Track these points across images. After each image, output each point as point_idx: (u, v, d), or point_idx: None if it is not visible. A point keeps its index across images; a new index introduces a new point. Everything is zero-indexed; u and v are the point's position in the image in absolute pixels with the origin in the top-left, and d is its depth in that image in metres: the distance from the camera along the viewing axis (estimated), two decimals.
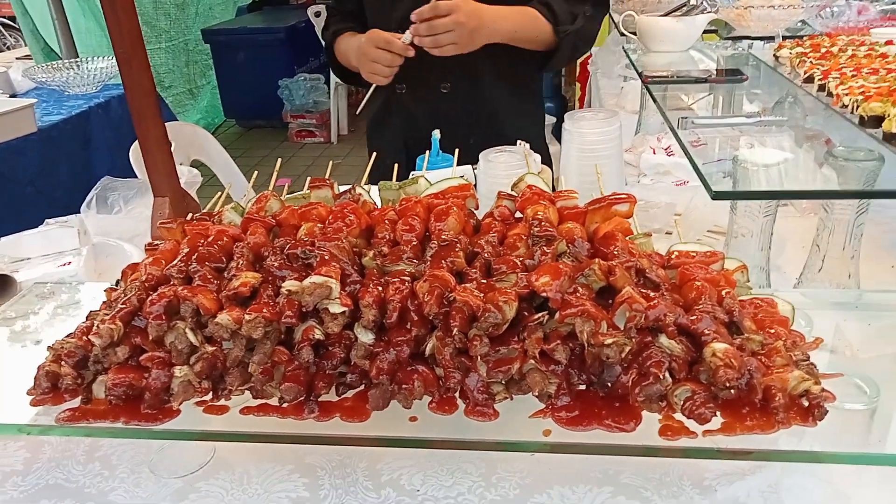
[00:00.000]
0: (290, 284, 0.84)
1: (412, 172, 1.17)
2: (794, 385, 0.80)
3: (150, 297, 0.86)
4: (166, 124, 2.58)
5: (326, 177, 1.09)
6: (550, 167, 1.95)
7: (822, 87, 1.87)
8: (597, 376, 0.82)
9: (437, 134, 1.33)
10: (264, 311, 0.83)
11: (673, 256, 0.94)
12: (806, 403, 0.80)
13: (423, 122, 1.80)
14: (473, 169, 1.10)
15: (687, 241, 0.95)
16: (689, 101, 2.25)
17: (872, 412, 0.86)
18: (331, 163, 1.45)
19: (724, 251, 1.42)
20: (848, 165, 1.25)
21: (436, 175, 1.11)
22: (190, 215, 1.08)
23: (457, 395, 0.86)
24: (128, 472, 1.04)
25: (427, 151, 1.23)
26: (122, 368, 0.86)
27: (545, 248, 0.84)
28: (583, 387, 0.84)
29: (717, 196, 1.17)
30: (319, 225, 0.94)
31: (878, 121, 1.52)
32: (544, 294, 0.79)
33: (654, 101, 1.68)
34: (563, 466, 0.96)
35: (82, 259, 1.37)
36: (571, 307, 0.78)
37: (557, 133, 4.28)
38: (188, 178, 1.67)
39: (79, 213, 2.01)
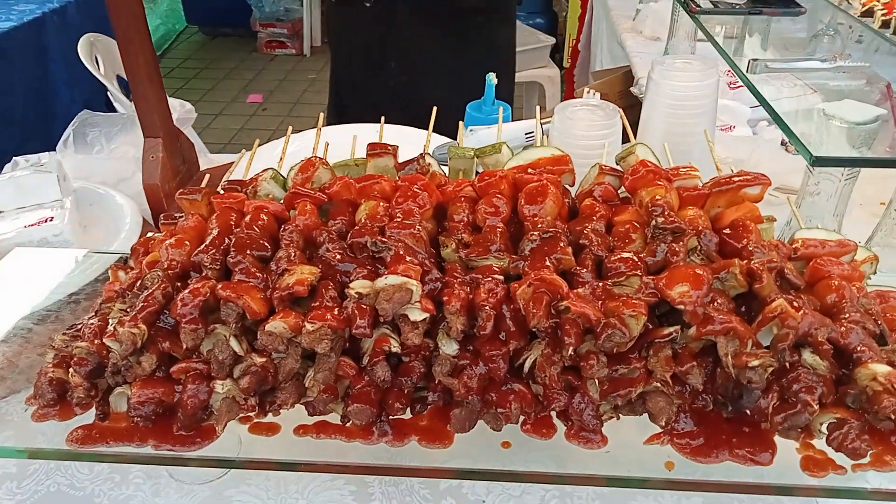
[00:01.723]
0: (360, 286, 0.68)
1: (462, 125, 0.99)
2: None
3: (180, 296, 0.69)
4: (90, 35, 2.28)
5: (301, 94, 0.90)
6: (511, 103, 1.86)
7: (885, 24, 1.71)
8: (727, 398, 0.70)
9: (492, 78, 1.14)
10: (329, 318, 0.67)
11: (798, 245, 0.80)
12: None
13: (351, 28, 1.86)
14: (542, 125, 0.93)
15: (811, 227, 0.81)
16: (719, 30, 2.06)
17: None
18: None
19: (792, 214, 1.30)
20: None
21: (488, 133, 0.93)
22: (205, 179, 0.89)
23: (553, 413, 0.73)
24: (143, 476, 0.89)
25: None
26: (149, 382, 0.70)
27: (673, 244, 0.69)
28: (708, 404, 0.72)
29: (817, 162, 1.03)
30: (384, 204, 0.76)
31: None
32: (681, 307, 0.65)
33: (711, 39, 1.49)
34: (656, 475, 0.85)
35: (66, 214, 1.17)
36: (714, 323, 0.64)
37: (553, 56, 4.03)
38: (181, 113, 1.45)
39: (43, 143, 1.75)
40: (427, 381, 0.72)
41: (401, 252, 0.70)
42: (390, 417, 0.72)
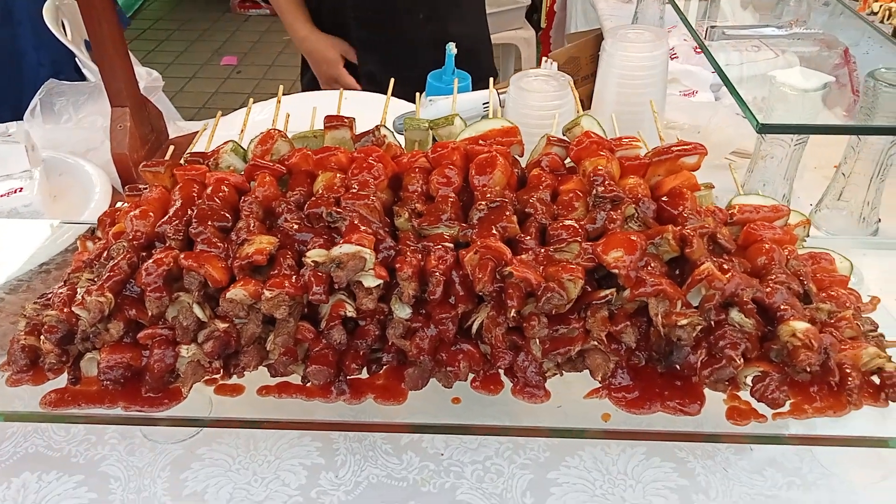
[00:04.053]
0: (316, 254, 0.71)
1: (423, 96, 1.01)
2: (867, 362, 0.75)
3: (145, 266, 0.73)
4: None
5: (276, 56, 0.92)
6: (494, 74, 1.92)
7: None
8: (660, 354, 0.75)
9: (452, 48, 1.15)
10: (286, 285, 0.71)
11: (734, 210, 0.84)
12: (877, 381, 0.76)
13: None
14: (499, 94, 0.96)
15: (749, 192, 0.86)
16: None
17: None
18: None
19: (746, 176, 1.35)
20: (891, 92, 1.16)
21: (447, 103, 0.96)
22: (170, 150, 0.92)
23: (501, 371, 0.78)
24: (118, 437, 0.94)
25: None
26: (117, 347, 0.74)
27: (611, 211, 0.74)
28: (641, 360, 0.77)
29: (762, 129, 1.07)
30: (340, 175, 0.80)
31: None
32: (616, 271, 0.69)
33: (672, 3, 1.51)
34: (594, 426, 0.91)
35: (35, 184, 1.19)
36: (645, 286, 0.69)
37: (529, 17, 4.01)
38: (148, 82, 1.46)
39: (11, 106, 1.74)
40: (382, 343, 0.76)
41: (355, 222, 0.73)
42: (348, 377, 0.77)
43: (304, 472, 0.89)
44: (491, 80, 0.95)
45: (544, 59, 1.13)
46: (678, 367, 0.73)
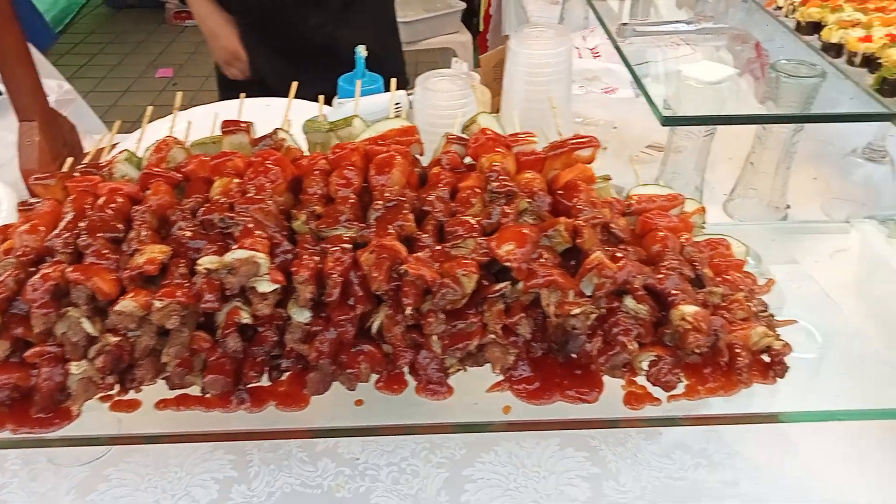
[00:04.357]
0: (208, 261, 0.70)
1: (335, 99, 1.01)
2: (757, 341, 0.77)
3: (30, 281, 0.70)
4: None
5: (213, 67, 0.91)
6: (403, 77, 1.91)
7: None
8: (558, 344, 0.76)
9: (361, 51, 1.15)
10: (178, 294, 0.69)
11: (633, 201, 0.86)
12: (766, 359, 0.78)
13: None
14: (408, 95, 0.96)
15: (646, 182, 0.88)
16: None
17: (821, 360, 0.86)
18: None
19: (660, 169, 1.39)
20: (791, 82, 1.20)
21: (365, 104, 0.96)
22: (68, 161, 0.89)
23: (405, 369, 0.78)
24: (20, 462, 0.91)
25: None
26: (3, 367, 0.71)
27: (505, 206, 0.74)
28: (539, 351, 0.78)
29: (666, 122, 1.10)
30: (237, 180, 0.79)
31: (815, 27, 1.48)
32: (508, 264, 0.70)
33: (591, 5, 1.54)
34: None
35: None
36: (537, 277, 0.70)
37: (466, 21, 4.04)
38: (59, 94, 1.41)
39: None
40: (283, 349, 0.75)
41: (249, 226, 0.73)
42: (248, 385, 0.75)
43: (216, 485, 0.87)
44: (393, 81, 0.95)
45: (453, 59, 1.14)
46: (575, 356, 0.74)
